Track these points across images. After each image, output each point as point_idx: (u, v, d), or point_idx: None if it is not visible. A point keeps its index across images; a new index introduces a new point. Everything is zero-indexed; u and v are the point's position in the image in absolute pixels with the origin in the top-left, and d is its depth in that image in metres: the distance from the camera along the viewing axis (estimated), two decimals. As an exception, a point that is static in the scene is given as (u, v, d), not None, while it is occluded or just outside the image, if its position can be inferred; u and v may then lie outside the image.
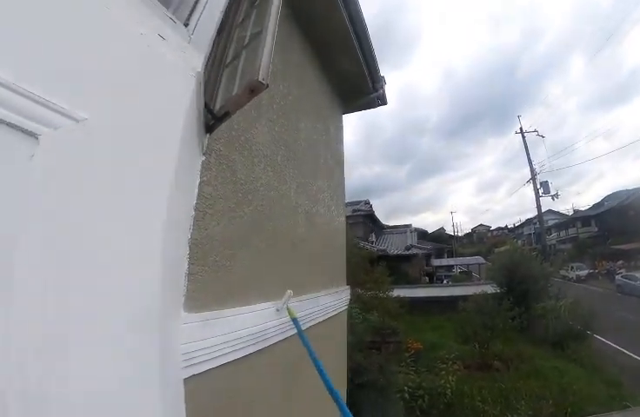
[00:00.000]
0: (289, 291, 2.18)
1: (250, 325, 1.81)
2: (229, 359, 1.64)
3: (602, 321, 13.56)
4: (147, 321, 1.08)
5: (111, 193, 0.94)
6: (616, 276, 27.39)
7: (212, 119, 1.55)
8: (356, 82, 4.50)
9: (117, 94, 0.97)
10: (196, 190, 1.47)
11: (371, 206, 31.15)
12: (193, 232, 1.42)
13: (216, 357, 1.53)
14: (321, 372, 1.61)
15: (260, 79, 1.28)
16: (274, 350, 2.13)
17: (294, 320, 2.06)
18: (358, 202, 30.48)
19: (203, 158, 1.55)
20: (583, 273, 34.04)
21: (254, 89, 1.33)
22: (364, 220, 28.81)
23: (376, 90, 4.86)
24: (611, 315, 17.25)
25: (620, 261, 34.15)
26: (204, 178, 1.53)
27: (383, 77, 4.75)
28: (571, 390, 8.38)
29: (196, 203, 1.45)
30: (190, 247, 1.40)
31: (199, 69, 1.35)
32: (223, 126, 1.75)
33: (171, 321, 1.27)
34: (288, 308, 2.13)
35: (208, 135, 1.59)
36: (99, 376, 0.91)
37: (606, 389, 8.86)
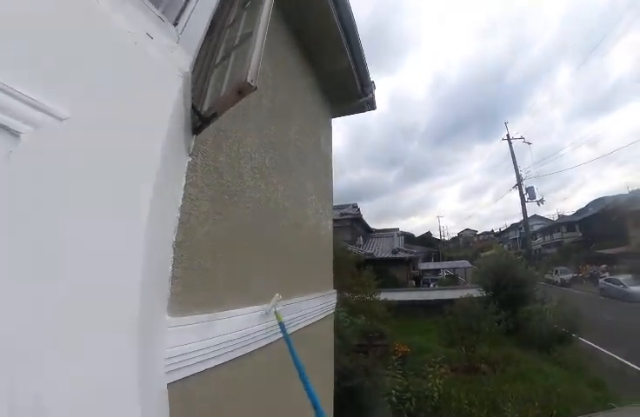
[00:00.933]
0: (277, 295, 2.18)
1: (236, 329, 1.78)
2: (215, 363, 1.62)
3: (586, 323, 13.76)
4: (128, 325, 1.06)
5: (90, 192, 0.92)
6: (600, 280, 28.13)
7: (199, 120, 1.53)
8: (346, 87, 4.50)
9: (101, 92, 0.95)
10: (182, 192, 1.45)
11: (359, 209, 31.18)
12: (178, 234, 1.40)
13: (201, 361, 1.51)
14: (304, 380, 1.55)
15: (248, 80, 1.27)
16: (261, 354, 2.11)
17: (280, 324, 2.00)
18: (346, 206, 30.49)
19: (190, 159, 1.53)
20: (568, 277, 34.83)
21: (242, 91, 1.32)
22: (352, 223, 28.84)
23: (366, 95, 4.85)
24: (595, 318, 17.52)
25: (603, 266, 35.02)
26: (190, 180, 1.51)
27: (372, 82, 4.75)
28: (556, 392, 8.47)
29: (182, 205, 1.43)
30: (174, 249, 1.37)
31: (187, 70, 1.33)
32: (211, 127, 1.72)
33: (155, 324, 1.24)
34: (275, 312, 2.11)
35: (194, 136, 1.57)
36: (77, 381, 0.88)
37: (591, 391, 8.98)
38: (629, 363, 11.79)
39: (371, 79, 4.70)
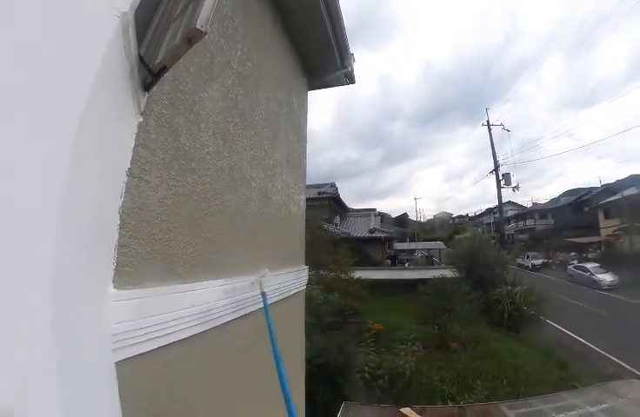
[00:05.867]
0: (265, 269, 2.59)
1: (193, 304, 1.66)
2: (170, 340, 1.50)
3: (553, 307, 14.27)
4: (56, 298, 0.93)
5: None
6: (569, 267, 29.63)
7: (149, 75, 1.38)
8: (324, 58, 4.34)
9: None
10: (131, 154, 1.31)
11: (337, 189, 31.20)
12: (125, 200, 1.26)
13: (154, 338, 1.39)
14: (275, 353, 1.75)
15: (198, 26, 1.14)
16: (223, 331, 2.01)
17: (262, 294, 2.29)
18: (324, 185, 30.49)
19: (141, 119, 1.38)
20: (538, 262, 36.41)
21: (191, 38, 1.19)
22: (329, 202, 28.89)
23: (345, 67, 4.71)
24: (562, 302, 18.37)
25: (573, 253, 36.83)
26: (141, 141, 1.36)
27: (352, 54, 4.60)
28: (523, 371, 8.79)
29: (130, 168, 1.29)
30: (120, 216, 1.24)
31: (126, 10, 1.16)
32: (167, 87, 1.58)
33: (95, 297, 1.12)
34: (260, 283, 2.39)
35: (146, 94, 1.42)
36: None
37: (555, 370, 9.34)
38: (592, 346, 12.36)
39: (351, 51, 4.54)
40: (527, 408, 4.69)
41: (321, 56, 4.28)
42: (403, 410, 4.56)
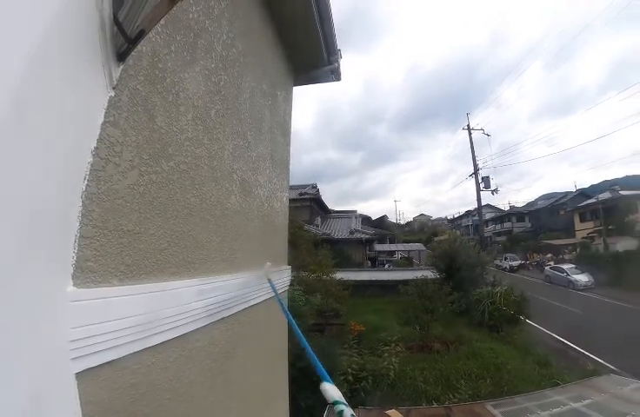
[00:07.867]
0: (268, 263, 2.96)
1: (167, 305, 1.48)
2: (141, 346, 1.32)
3: (532, 306, 14.51)
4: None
5: None
6: (545, 268, 30.67)
7: (125, 41, 1.21)
8: (311, 52, 4.24)
9: None
10: (98, 131, 1.13)
11: (318, 190, 31.15)
12: (89, 184, 1.09)
13: (121, 345, 1.20)
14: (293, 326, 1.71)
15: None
16: (200, 335, 1.84)
17: (269, 280, 2.71)
18: (305, 186, 30.40)
19: (112, 93, 1.21)
20: (516, 263, 37.59)
21: (174, -2, 1.03)
22: (311, 203, 28.83)
23: (331, 63, 4.63)
24: (540, 302, 18.81)
25: (549, 255, 38.01)
26: (110, 118, 1.19)
27: (339, 50, 4.53)
28: (506, 370, 8.88)
29: (97, 147, 1.11)
30: (83, 202, 1.07)
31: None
32: (145, 62, 1.41)
33: (50, 297, 0.94)
34: (266, 273, 2.79)
35: (120, 65, 1.25)
36: None
37: (537, 369, 9.46)
38: (570, 344, 12.63)
39: (338, 47, 4.44)
40: (512, 406, 4.63)
41: (308, 49, 4.18)
42: (389, 412, 4.44)
